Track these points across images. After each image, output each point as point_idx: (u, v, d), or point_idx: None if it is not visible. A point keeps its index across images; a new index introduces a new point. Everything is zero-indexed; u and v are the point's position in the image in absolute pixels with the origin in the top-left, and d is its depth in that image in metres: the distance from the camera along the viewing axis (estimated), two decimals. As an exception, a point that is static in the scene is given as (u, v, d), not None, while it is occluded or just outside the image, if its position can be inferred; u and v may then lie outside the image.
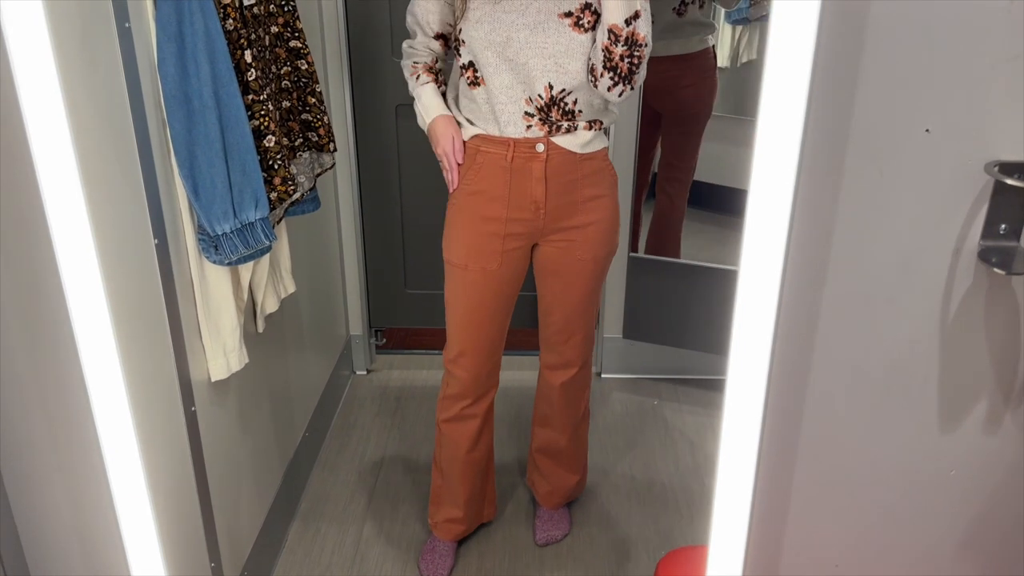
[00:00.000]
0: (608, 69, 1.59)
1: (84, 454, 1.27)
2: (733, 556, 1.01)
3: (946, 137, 0.83)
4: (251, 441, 1.92)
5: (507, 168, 1.69)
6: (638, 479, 2.38)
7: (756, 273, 0.85)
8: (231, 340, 1.65)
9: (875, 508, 1.01)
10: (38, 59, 0.98)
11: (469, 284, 1.80)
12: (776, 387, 0.91)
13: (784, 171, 0.81)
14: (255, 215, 1.52)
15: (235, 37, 1.48)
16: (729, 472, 0.96)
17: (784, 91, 0.78)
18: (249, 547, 1.91)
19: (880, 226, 0.87)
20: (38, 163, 1.00)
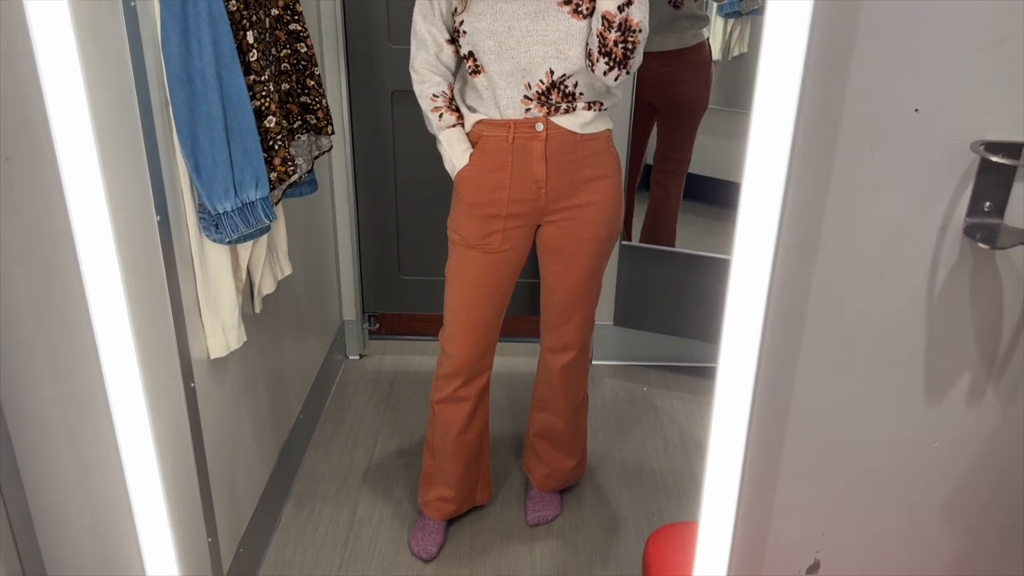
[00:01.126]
0: (603, 54, 1.62)
1: (95, 427, 1.30)
2: (723, 524, 1.04)
3: (935, 117, 0.86)
4: (247, 420, 1.95)
5: (509, 149, 1.73)
6: (628, 462, 2.41)
7: (750, 248, 0.88)
8: (230, 318, 1.67)
9: (862, 477, 1.04)
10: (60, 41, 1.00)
11: (470, 262, 1.83)
12: (767, 359, 0.95)
13: (778, 149, 0.84)
14: (256, 194, 1.55)
15: (237, 18, 1.50)
16: (720, 441, 0.99)
17: (779, 72, 0.81)
18: (245, 524, 1.94)
19: (870, 203, 0.90)
20: (57, 141, 1.02)
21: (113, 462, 1.27)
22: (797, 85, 0.81)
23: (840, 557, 1.09)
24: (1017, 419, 1.01)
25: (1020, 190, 0.89)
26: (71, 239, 1.10)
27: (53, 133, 1.01)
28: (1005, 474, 1.05)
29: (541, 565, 2.04)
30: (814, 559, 1.10)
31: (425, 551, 2.05)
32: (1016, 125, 0.86)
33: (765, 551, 1.09)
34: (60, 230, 1.12)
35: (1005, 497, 1.06)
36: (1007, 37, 0.83)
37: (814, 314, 0.95)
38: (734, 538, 1.04)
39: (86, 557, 1.41)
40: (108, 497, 1.36)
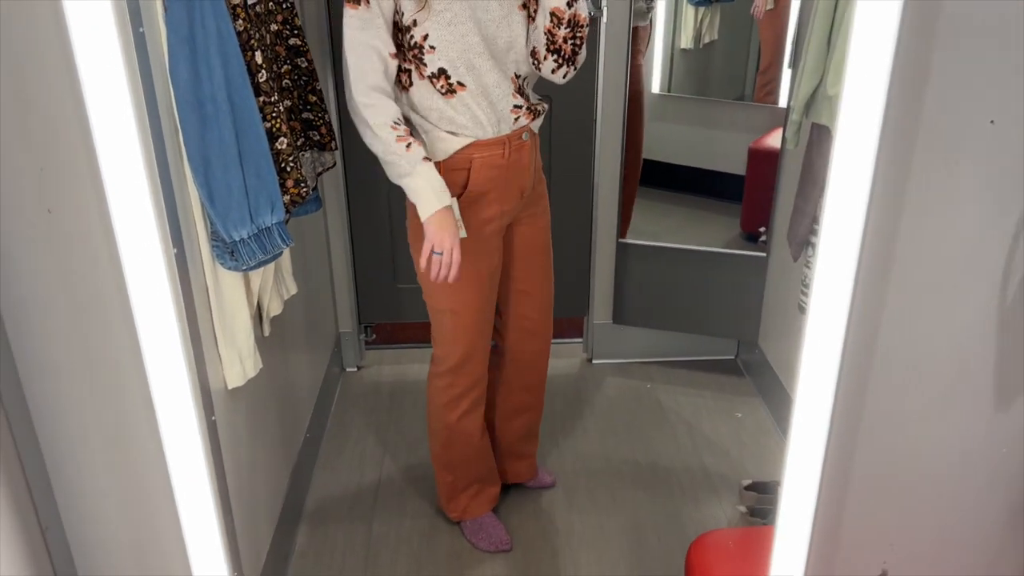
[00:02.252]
0: (551, 52, 1.61)
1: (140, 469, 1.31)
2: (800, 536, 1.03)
3: (1010, 127, 0.86)
4: (261, 447, 1.90)
5: (504, 166, 1.68)
6: (640, 463, 2.41)
7: (832, 261, 0.87)
8: (246, 346, 1.62)
9: (931, 486, 1.04)
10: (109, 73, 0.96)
11: (478, 287, 1.79)
12: (846, 369, 0.93)
13: (862, 163, 0.83)
14: (271, 219, 1.50)
15: (245, 38, 1.44)
16: (798, 452, 0.98)
17: (865, 88, 0.79)
18: (264, 554, 1.89)
19: (946, 215, 0.89)
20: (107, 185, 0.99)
21: (163, 501, 1.26)
22: (882, 101, 0.79)
23: (908, 567, 1.09)
24: (1081, 421, 1.02)
25: (1094, 197, 0.89)
26: (122, 286, 1.07)
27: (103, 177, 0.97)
28: (1068, 475, 1.05)
29: (565, 571, 2.02)
30: (882, 569, 1.09)
31: (503, 542, 2.06)
32: (1091, 133, 0.86)
33: (835, 562, 1.08)
34: (106, 277, 1.09)
35: (1067, 497, 1.07)
36: (1082, 46, 0.82)
37: (889, 325, 0.94)
38: (809, 551, 1.04)
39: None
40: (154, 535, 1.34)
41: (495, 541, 2.07)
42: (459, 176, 1.65)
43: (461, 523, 2.13)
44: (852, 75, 0.78)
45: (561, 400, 2.70)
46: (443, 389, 1.92)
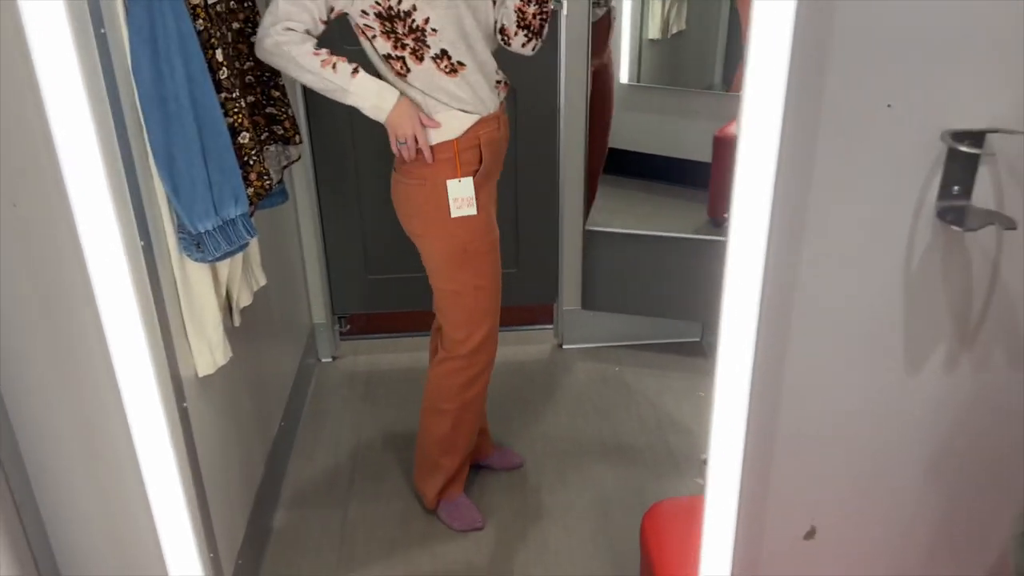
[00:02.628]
0: (522, 28, 1.73)
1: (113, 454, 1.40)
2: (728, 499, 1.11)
3: (905, 110, 0.93)
4: (235, 433, 1.95)
5: (498, 140, 1.80)
6: (607, 442, 2.48)
7: (744, 238, 0.94)
8: (215, 335, 1.68)
9: (851, 446, 1.12)
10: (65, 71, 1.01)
11: (495, 259, 1.89)
12: (763, 341, 1.01)
13: (767, 146, 0.90)
14: (235, 211, 1.55)
15: (205, 37, 1.49)
16: (722, 422, 1.05)
17: (765, 75, 0.86)
18: (241, 536, 1.95)
19: (850, 192, 0.96)
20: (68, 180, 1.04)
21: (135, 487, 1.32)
22: (783, 87, 0.86)
23: (834, 522, 1.17)
24: (990, 385, 1.09)
25: (985, 174, 0.96)
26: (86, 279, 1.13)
27: (64, 173, 1.03)
28: (981, 436, 1.13)
29: (535, 547, 2.09)
30: (811, 526, 1.17)
31: (476, 520, 2.14)
32: (979, 115, 0.93)
33: (766, 521, 1.16)
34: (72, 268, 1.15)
35: (982, 457, 1.15)
36: (968, 34, 0.90)
37: (801, 297, 1.01)
38: (739, 512, 1.11)
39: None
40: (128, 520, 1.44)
41: (468, 520, 2.14)
42: (473, 154, 1.77)
43: (436, 506, 2.20)
44: (754, 62, 0.85)
45: (532, 385, 2.78)
46: (460, 371, 1.97)
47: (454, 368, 1.97)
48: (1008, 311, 1.05)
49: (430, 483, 2.16)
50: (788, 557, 1.19)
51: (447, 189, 1.74)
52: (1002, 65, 0.92)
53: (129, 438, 1.40)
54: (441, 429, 2.06)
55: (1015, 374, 1.09)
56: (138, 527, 1.44)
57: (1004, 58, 0.92)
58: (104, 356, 1.32)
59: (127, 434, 1.39)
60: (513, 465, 2.36)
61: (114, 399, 1.34)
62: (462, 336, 1.93)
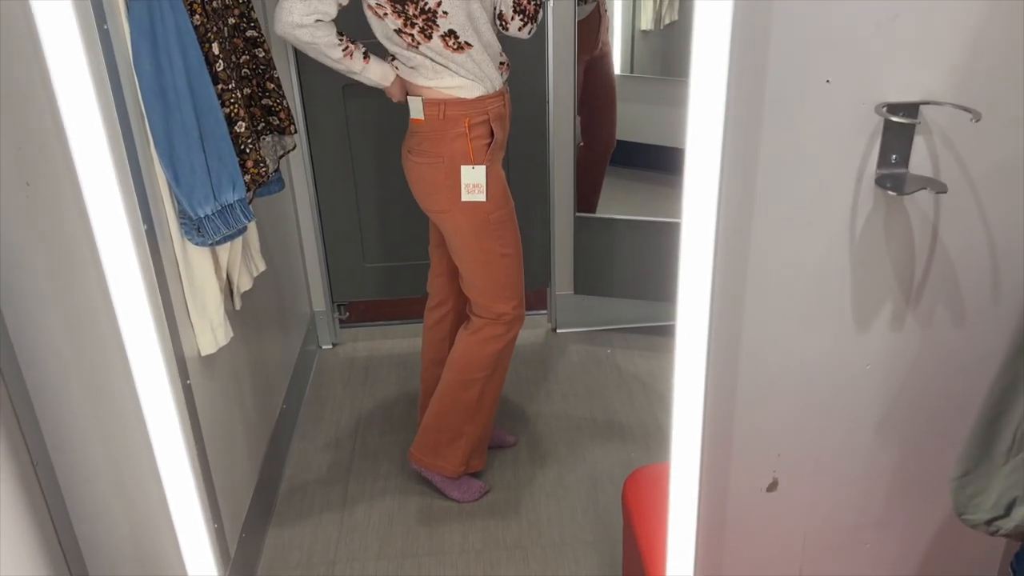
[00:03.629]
0: (518, 12, 1.84)
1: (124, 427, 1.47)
2: (691, 455, 1.19)
3: (843, 85, 1.01)
4: (238, 413, 2.04)
5: (504, 116, 1.92)
6: (598, 420, 2.57)
7: (696, 209, 1.02)
8: (216, 316, 1.76)
9: (807, 401, 1.19)
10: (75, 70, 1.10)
11: (514, 228, 2.01)
12: (718, 305, 1.09)
13: (713, 120, 0.97)
14: (233, 196, 1.63)
15: (202, 31, 1.58)
16: (683, 382, 1.13)
17: (709, 54, 0.94)
18: (244, 511, 2.04)
19: (795, 162, 1.04)
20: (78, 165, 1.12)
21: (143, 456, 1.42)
22: (725, 66, 0.94)
23: (795, 474, 1.25)
24: (935, 340, 1.17)
25: (920, 143, 1.04)
26: (96, 257, 1.21)
27: (74, 158, 1.11)
28: (929, 388, 1.21)
29: (528, 520, 2.18)
30: (772, 478, 1.25)
31: (474, 492, 2.24)
32: (912, 88, 1.01)
33: (729, 476, 1.24)
34: (81, 247, 1.24)
35: (931, 408, 1.22)
36: (898, 13, 0.97)
37: (754, 261, 1.09)
38: (701, 467, 1.19)
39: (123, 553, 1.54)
40: (140, 489, 1.54)
41: (472, 492, 2.25)
42: (485, 128, 1.88)
43: (444, 481, 2.26)
44: (698, 43, 0.93)
45: (526, 368, 2.86)
46: (497, 338, 2.06)
47: (493, 335, 2.06)
48: (949, 271, 1.12)
49: (451, 452, 2.20)
50: (752, 509, 1.27)
51: (460, 171, 1.87)
52: (934, 40, 1.00)
53: (140, 412, 1.49)
54: (469, 397, 2.13)
55: (958, 331, 1.16)
56: (148, 489, 1.53)
57: (936, 33, 0.99)
58: (115, 331, 1.41)
59: (138, 408, 1.47)
60: (505, 443, 2.44)
61: (125, 374, 1.43)
62: (500, 304, 2.03)
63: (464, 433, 2.18)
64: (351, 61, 1.80)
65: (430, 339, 2.28)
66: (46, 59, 1.13)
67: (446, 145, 1.85)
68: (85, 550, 1.56)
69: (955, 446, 1.15)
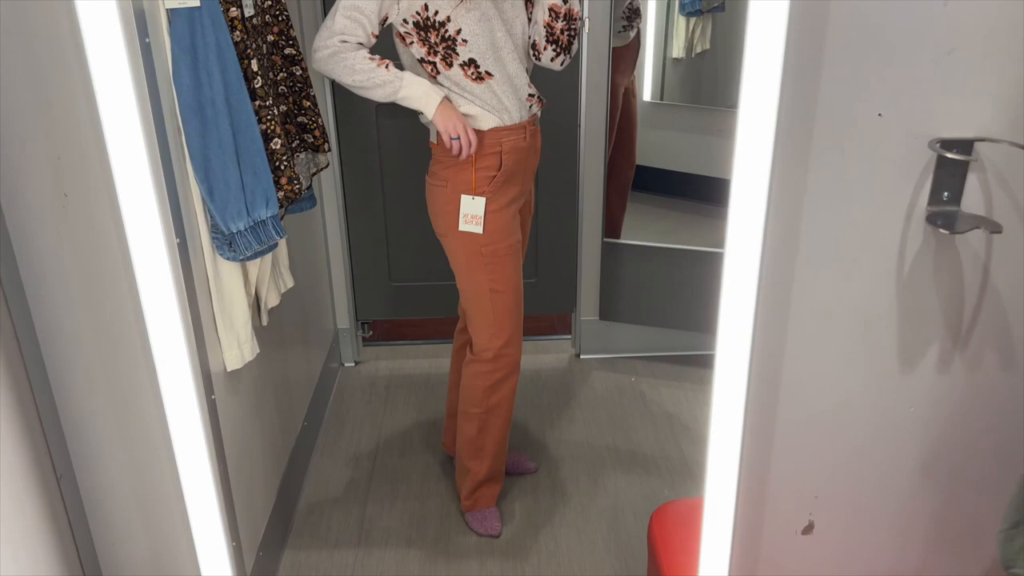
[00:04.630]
0: (551, 42, 1.82)
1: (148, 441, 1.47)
2: (726, 495, 1.15)
3: (895, 119, 0.98)
4: (259, 429, 2.03)
5: (525, 149, 1.88)
6: (621, 450, 2.53)
7: (741, 243, 1.00)
8: (244, 332, 1.76)
9: (847, 443, 1.16)
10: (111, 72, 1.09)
11: (514, 263, 1.96)
12: (759, 342, 1.06)
13: (761, 152, 0.95)
14: (266, 213, 1.63)
15: (242, 48, 1.58)
16: (720, 420, 1.10)
17: (760, 84, 0.92)
18: (262, 529, 2.02)
19: (843, 197, 1.01)
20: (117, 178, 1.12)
21: (165, 471, 1.41)
22: (776, 98, 0.92)
23: (832, 517, 1.21)
24: (983, 385, 1.13)
25: (973, 180, 1.01)
26: (129, 270, 1.20)
27: (113, 170, 1.11)
28: (975, 435, 1.17)
29: (547, 551, 2.14)
30: (809, 520, 1.21)
31: (494, 528, 2.18)
32: (967, 124, 0.98)
33: (764, 516, 1.20)
34: (115, 259, 1.23)
35: (976, 456, 1.18)
36: (954, 48, 0.95)
37: (798, 299, 1.06)
38: (737, 507, 1.16)
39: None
40: (160, 503, 1.53)
41: (487, 526, 2.19)
42: (493, 159, 1.86)
43: (467, 512, 2.24)
44: (749, 73, 0.91)
45: (548, 393, 2.83)
46: (486, 375, 2.03)
47: (479, 371, 2.04)
48: (999, 314, 1.09)
49: (462, 485, 2.22)
50: (787, 552, 1.23)
51: (460, 199, 1.86)
52: (990, 75, 0.97)
53: (165, 426, 1.48)
54: (469, 432, 2.12)
55: (1007, 376, 1.13)
56: (169, 504, 1.53)
57: (992, 68, 0.97)
58: (144, 344, 1.40)
59: (163, 422, 1.46)
60: (526, 470, 2.41)
61: (151, 383, 1.42)
62: (484, 340, 2.00)
63: (469, 470, 2.18)
64: (387, 72, 1.74)
65: (455, 361, 2.26)
66: (90, 71, 1.13)
67: (453, 171, 1.86)
68: (104, 563, 1.55)
69: (1001, 495, 1.11)
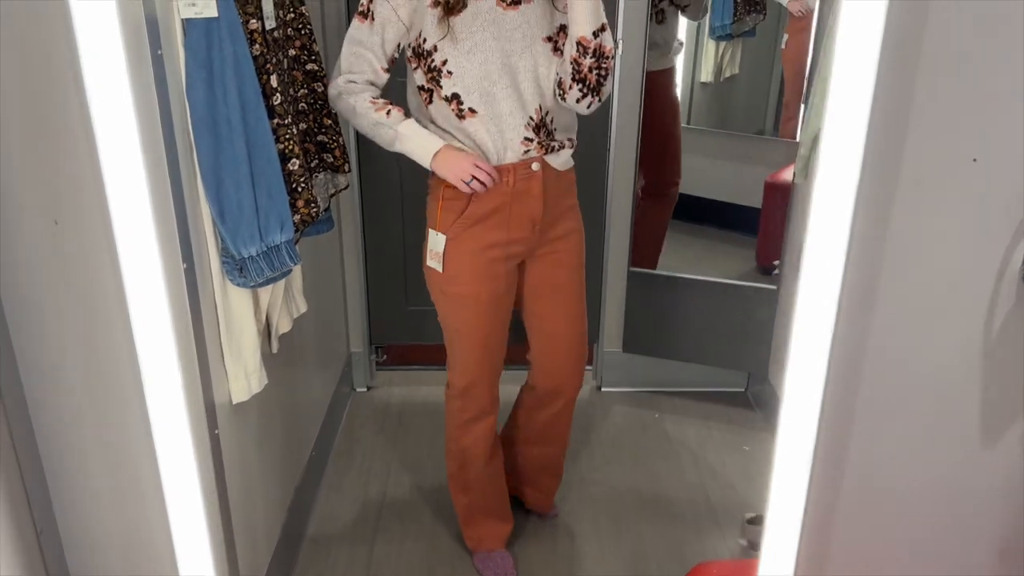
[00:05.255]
0: (577, 81, 1.63)
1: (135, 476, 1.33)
2: (784, 567, 1.03)
3: (991, 165, 0.87)
4: (266, 463, 1.92)
5: (508, 192, 1.70)
6: (644, 493, 2.40)
7: (815, 291, 0.88)
8: (252, 362, 1.65)
9: (918, 521, 1.04)
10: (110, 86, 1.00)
11: (482, 312, 1.81)
12: (830, 401, 0.94)
13: (843, 196, 0.84)
14: (280, 238, 1.53)
15: (261, 62, 1.49)
16: (782, 485, 0.98)
17: (845, 120, 0.81)
18: (264, 569, 1.90)
19: (929, 249, 0.90)
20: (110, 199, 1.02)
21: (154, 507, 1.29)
22: (863, 136, 0.81)
23: (895, 601, 1.08)
24: (1071, 460, 1.01)
25: (1078, 236, 0.90)
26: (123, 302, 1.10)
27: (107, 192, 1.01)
28: (1059, 515, 1.04)
29: (564, 601, 2.02)
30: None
31: (505, 573, 2.05)
32: (1074, 172, 0.87)
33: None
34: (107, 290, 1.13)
35: (1058, 537, 1.06)
36: (1065, 87, 0.84)
37: (873, 357, 0.95)
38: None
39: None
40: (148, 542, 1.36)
41: (497, 572, 2.07)
42: (460, 201, 1.70)
43: (473, 552, 2.13)
44: (833, 113, 0.80)
45: (568, 427, 2.70)
46: (456, 412, 1.94)
47: (452, 409, 1.95)
48: (1096, 385, 0.97)
49: (458, 517, 2.13)
50: (843, 636, 1.11)
51: (427, 234, 1.77)
52: (1100, 121, 0.86)
53: (154, 461, 1.36)
54: (451, 466, 2.04)
55: (1101, 454, 1.00)
56: (160, 549, 1.40)
57: (1103, 114, 0.85)
58: (136, 377, 1.29)
59: (153, 457, 1.34)
60: (546, 514, 2.27)
61: (144, 419, 1.31)
62: (452, 377, 1.91)
63: (457, 504, 2.09)
64: (386, 118, 1.65)
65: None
66: (86, 86, 1.03)
67: (430, 200, 1.77)
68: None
69: (1091, 587, 0.99)
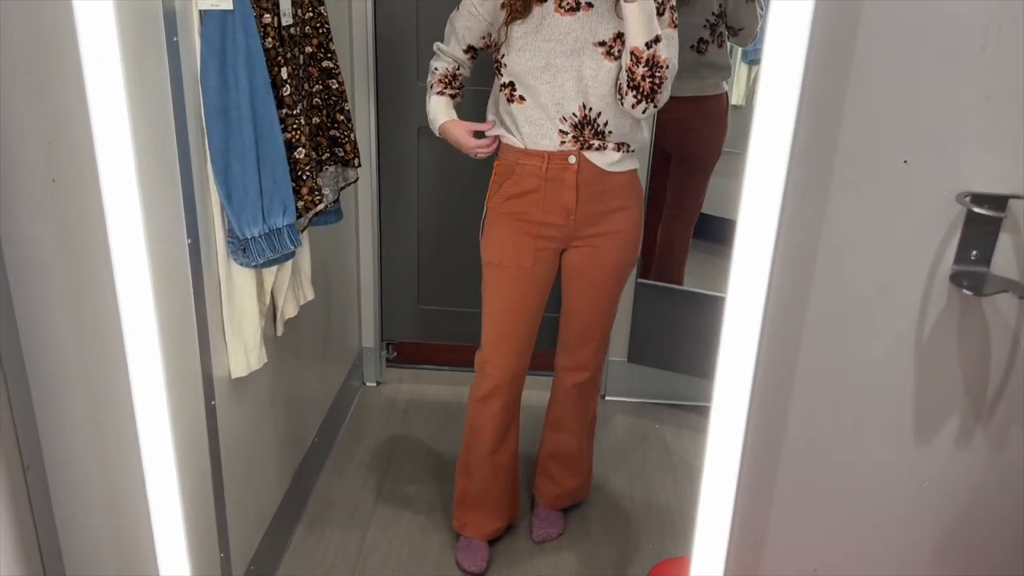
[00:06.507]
0: (631, 88, 1.74)
1: (120, 438, 1.38)
2: (715, 561, 1.07)
3: (922, 168, 0.91)
4: (265, 441, 2.00)
5: (542, 176, 1.84)
6: (637, 499, 2.43)
7: (743, 290, 0.93)
8: (252, 339, 1.73)
9: (852, 516, 1.07)
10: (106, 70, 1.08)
11: (505, 281, 1.92)
12: (759, 399, 0.98)
13: (770, 197, 0.89)
14: (283, 221, 1.61)
15: (273, 55, 1.58)
16: (714, 478, 1.03)
17: (773, 121, 0.86)
18: (256, 543, 1.98)
19: (860, 250, 0.94)
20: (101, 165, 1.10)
21: (135, 472, 1.34)
22: (790, 135, 0.86)
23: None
24: (1007, 465, 1.04)
25: (1006, 240, 0.93)
26: (109, 258, 1.17)
27: (97, 158, 1.09)
28: (996, 519, 1.07)
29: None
30: (806, 597, 1.12)
31: (475, 564, 2.11)
32: (1001, 178, 0.90)
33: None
34: (99, 248, 1.20)
35: (996, 542, 1.08)
36: (992, 95, 0.88)
37: (806, 356, 0.99)
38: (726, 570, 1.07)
39: (105, 563, 1.47)
40: (129, 506, 1.42)
41: (470, 560, 2.12)
42: (507, 171, 1.89)
43: (457, 535, 2.19)
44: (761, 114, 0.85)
45: (569, 432, 2.74)
46: (474, 387, 2.04)
47: (473, 384, 2.04)
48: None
49: (455, 496, 2.20)
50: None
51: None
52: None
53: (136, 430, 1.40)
54: (461, 447, 2.11)
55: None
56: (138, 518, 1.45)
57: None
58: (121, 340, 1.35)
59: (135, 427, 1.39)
60: (548, 536, 2.26)
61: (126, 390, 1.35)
62: (484, 341, 2.01)
63: (457, 485, 2.16)
64: (428, 91, 1.93)
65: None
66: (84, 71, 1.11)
67: (494, 181, 1.93)
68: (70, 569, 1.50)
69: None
